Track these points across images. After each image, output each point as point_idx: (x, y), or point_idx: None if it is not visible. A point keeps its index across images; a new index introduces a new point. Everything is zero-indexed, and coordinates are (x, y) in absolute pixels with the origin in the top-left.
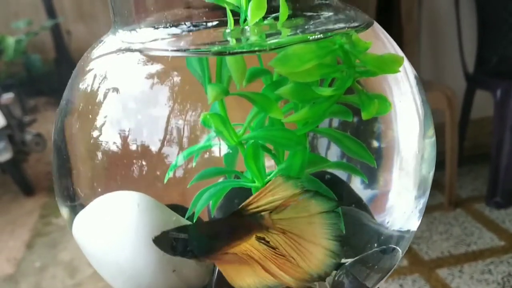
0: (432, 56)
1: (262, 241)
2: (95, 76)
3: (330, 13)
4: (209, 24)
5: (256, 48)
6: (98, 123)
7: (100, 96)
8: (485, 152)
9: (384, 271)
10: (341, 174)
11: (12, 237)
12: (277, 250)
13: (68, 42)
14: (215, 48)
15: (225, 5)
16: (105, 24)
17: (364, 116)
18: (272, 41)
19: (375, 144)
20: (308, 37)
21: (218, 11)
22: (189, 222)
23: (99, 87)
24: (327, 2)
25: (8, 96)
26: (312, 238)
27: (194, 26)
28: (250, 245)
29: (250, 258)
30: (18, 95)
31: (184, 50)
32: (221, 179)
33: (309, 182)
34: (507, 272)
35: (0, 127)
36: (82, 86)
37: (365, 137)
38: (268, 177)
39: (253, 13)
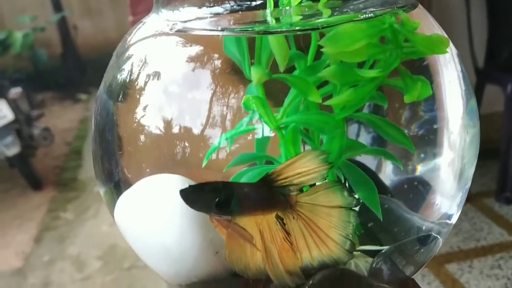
0: None
1: (280, 221)
2: (137, 59)
3: None
4: (253, 3)
5: (308, 27)
6: (143, 105)
7: (143, 79)
8: (494, 148)
9: (421, 261)
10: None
11: (20, 231)
12: (289, 236)
13: (74, 37)
14: (261, 27)
15: None
16: (111, 19)
17: (407, 99)
18: (321, 20)
19: (420, 131)
20: (359, 15)
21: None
22: None
23: (144, 68)
24: None
25: (16, 91)
26: (326, 230)
27: (238, 5)
28: (266, 221)
29: (259, 233)
30: (26, 90)
31: (226, 29)
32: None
33: (347, 168)
34: None
35: (8, 122)
36: (125, 69)
37: (408, 123)
38: None
39: None
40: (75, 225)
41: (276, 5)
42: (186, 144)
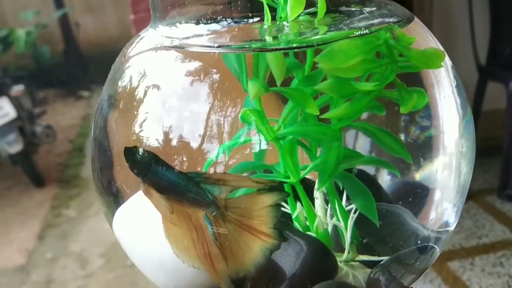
0: (444, 47)
1: (209, 222)
2: (137, 72)
3: (370, 8)
4: (250, 20)
5: (304, 44)
6: (141, 118)
7: (142, 92)
8: (496, 145)
9: (420, 270)
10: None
11: (23, 228)
12: (217, 240)
13: (76, 34)
14: (258, 44)
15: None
16: (113, 16)
17: (403, 110)
18: (316, 37)
19: (418, 139)
20: (354, 32)
21: (258, 5)
22: None
23: (141, 82)
24: None
25: (18, 88)
26: (258, 227)
27: (235, 22)
28: (196, 217)
29: (194, 229)
30: (28, 87)
31: (224, 47)
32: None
33: (344, 178)
34: None
35: (10, 119)
36: (124, 82)
37: (406, 131)
38: (302, 173)
39: (293, 9)
40: (77, 222)
41: (273, 18)
42: (184, 157)
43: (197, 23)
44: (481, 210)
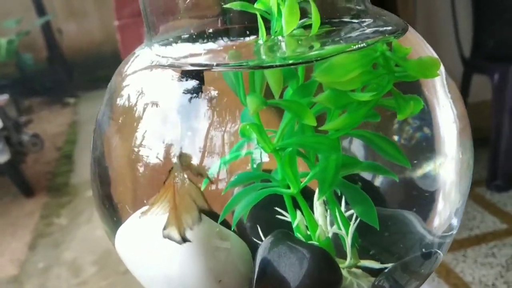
0: (429, 41)
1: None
2: (135, 91)
3: (365, 19)
4: (247, 38)
5: (301, 60)
6: (139, 138)
7: (142, 111)
8: (484, 136)
9: (425, 275)
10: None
11: (14, 238)
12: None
13: (59, 40)
14: (255, 62)
15: (255, 12)
16: (96, 21)
17: (399, 117)
18: (314, 52)
19: (415, 142)
20: (352, 46)
21: (252, 17)
22: (230, 232)
23: (139, 101)
24: (355, 7)
25: (2, 98)
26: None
27: (231, 40)
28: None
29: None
30: (13, 96)
31: (222, 65)
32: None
33: (343, 186)
34: (511, 254)
35: None
36: (121, 101)
37: (403, 135)
38: (302, 183)
39: (288, 23)
40: (69, 231)
41: (267, 30)
42: (184, 174)
43: (194, 42)
44: (471, 202)
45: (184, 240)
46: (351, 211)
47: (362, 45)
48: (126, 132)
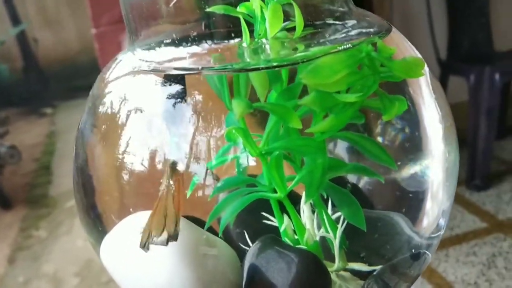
0: None
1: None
2: (117, 98)
3: (349, 21)
4: (231, 41)
5: (285, 63)
6: (124, 145)
7: (123, 117)
8: (461, 137)
9: (413, 277)
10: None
11: None
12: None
13: (35, 50)
14: (240, 65)
15: (238, 15)
16: (72, 29)
17: (385, 118)
18: (300, 54)
19: (400, 143)
20: (337, 47)
21: (235, 20)
22: (218, 239)
23: (122, 107)
24: (338, 8)
25: None
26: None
27: (215, 43)
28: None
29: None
30: None
31: (206, 68)
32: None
33: (329, 188)
34: (491, 253)
35: None
36: (103, 108)
37: (394, 140)
38: (289, 186)
39: (272, 26)
40: (48, 243)
41: (251, 33)
42: (170, 180)
43: (177, 46)
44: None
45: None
46: (338, 214)
47: (347, 46)
48: (110, 139)
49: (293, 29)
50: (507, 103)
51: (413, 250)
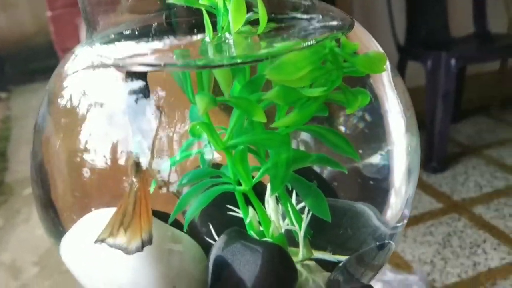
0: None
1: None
2: (75, 94)
3: (312, 15)
4: (194, 37)
5: (249, 60)
6: (83, 142)
7: (83, 115)
8: (419, 120)
9: (378, 266)
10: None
11: None
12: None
13: None
14: (203, 61)
15: (200, 8)
16: (27, 12)
17: (348, 111)
18: (264, 51)
19: (369, 138)
20: (301, 43)
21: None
22: (183, 234)
23: (81, 102)
24: (302, 2)
25: None
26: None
27: (178, 39)
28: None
29: None
30: None
31: (169, 65)
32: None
33: (295, 181)
34: (447, 232)
35: None
36: (61, 104)
37: (356, 131)
38: (254, 179)
39: (235, 21)
40: (5, 231)
41: (214, 26)
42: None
43: (137, 39)
44: None
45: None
46: (303, 204)
47: (311, 42)
48: (69, 136)
49: (256, 21)
50: (463, 88)
51: (378, 241)
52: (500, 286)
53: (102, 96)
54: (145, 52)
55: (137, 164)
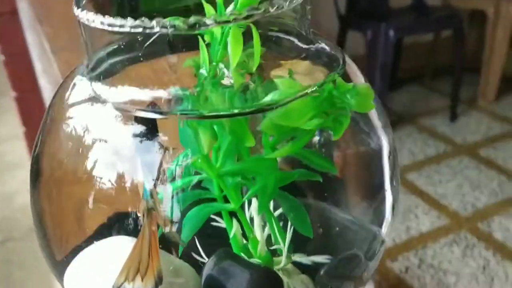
0: None
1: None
2: (80, 127)
3: (306, 45)
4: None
5: (255, 109)
6: (83, 174)
7: (87, 149)
8: None
9: (364, 276)
10: None
11: None
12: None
13: None
14: (207, 111)
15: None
16: None
17: (335, 137)
18: (268, 99)
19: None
20: (306, 91)
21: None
22: (182, 262)
23: (85, 136)
24: (295, 30)
25: None
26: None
27: (182, 89)
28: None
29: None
30: None
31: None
32: None
33: (282, 199)
34: None
35: None
36: (63, 135)
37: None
38: (243, 199)
39: (234, 53)
40: None
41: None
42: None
43: (142, 88)
44: None
45: None
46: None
47: (314, 88)
48: (72, 169)
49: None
50: (400, 58)
51: (367, 249)
52: (430, 249)
53: (104, 133)
54: (144, 100)
55: (149, 209)
